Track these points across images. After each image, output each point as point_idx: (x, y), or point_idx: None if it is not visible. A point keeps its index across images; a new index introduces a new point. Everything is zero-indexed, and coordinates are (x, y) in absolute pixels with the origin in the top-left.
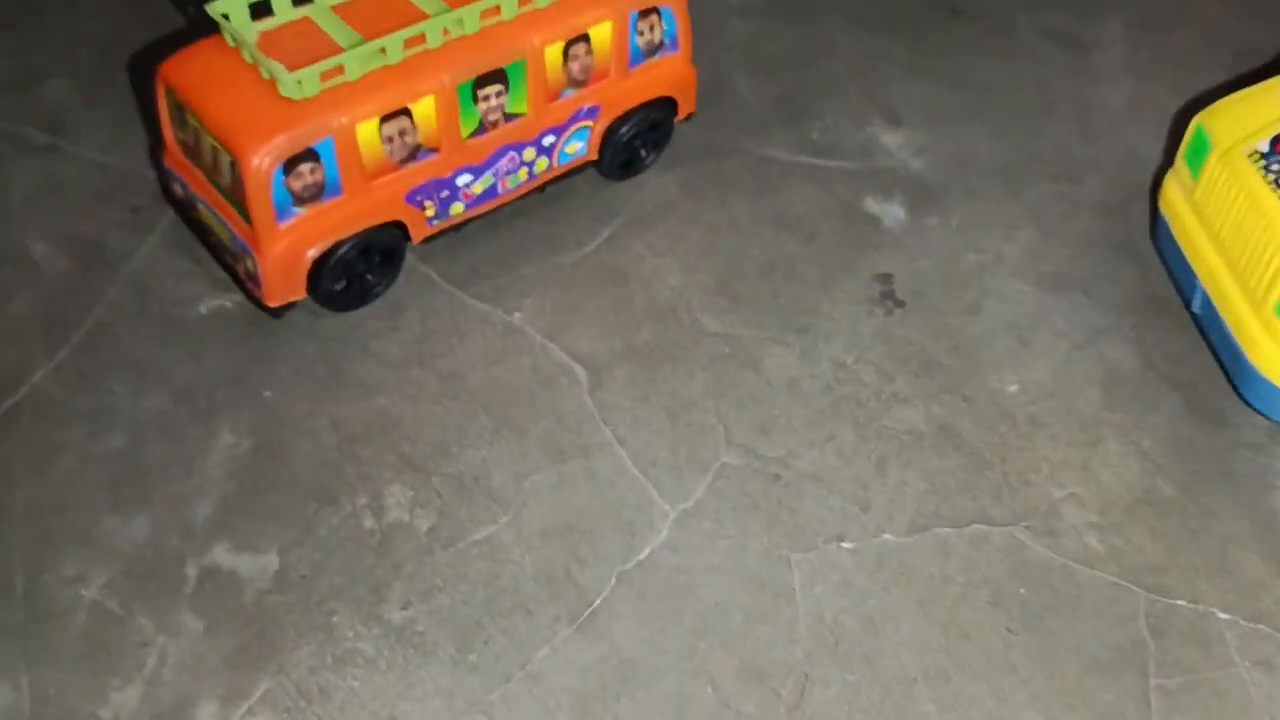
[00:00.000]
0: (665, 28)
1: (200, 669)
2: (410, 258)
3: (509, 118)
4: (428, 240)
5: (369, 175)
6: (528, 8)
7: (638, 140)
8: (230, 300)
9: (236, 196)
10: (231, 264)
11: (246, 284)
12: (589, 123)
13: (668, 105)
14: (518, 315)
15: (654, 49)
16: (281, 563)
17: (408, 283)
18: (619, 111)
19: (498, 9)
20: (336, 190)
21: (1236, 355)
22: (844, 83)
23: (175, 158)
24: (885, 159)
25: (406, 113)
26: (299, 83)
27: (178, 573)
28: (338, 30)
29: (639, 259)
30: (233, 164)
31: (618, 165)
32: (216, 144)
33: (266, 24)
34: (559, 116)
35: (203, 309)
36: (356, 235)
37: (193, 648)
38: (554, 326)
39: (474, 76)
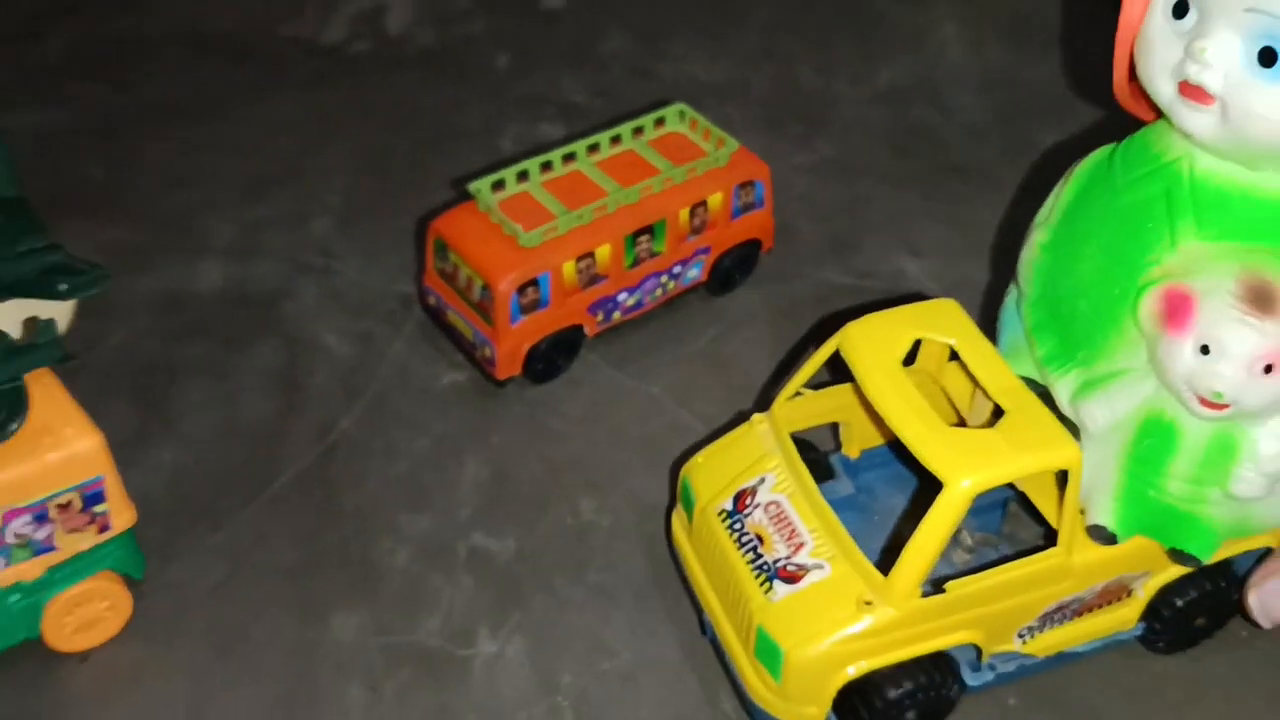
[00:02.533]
0: (756, 193)
1: (474, 609)
2: (583, 349)
3: (653, 255)
4: (596, 336)
5: (565, 294)
6: (668, 185)
7: (734, 268)
8: (463, 376)
9: (483, 307)
10: (470, 351)
11: (483, 365)
12: (703, 257)
13: (755, 244)
14: (656, 388)
15: (748, 207)
16: (518, 545)
17: (582, 364)
18: (723, 249)
19: (651, 187)
20: (546, 304)
21: (738, 685)
22: (879, 225)
23: (433, 279)
24: (909, 282)
25: (591, 255)
26: (530, 237)
27: (452, 550)
28: (548, 200)
29: (736, 350)
30: (484, 287)
31: (719, 285)
32: (473, 274)
33: (501, 195)
34: (685, 253)
35: (445, 381)
36: (554, 333)
37: (468, 596)
38: (682, 396)
39: (634, 230)
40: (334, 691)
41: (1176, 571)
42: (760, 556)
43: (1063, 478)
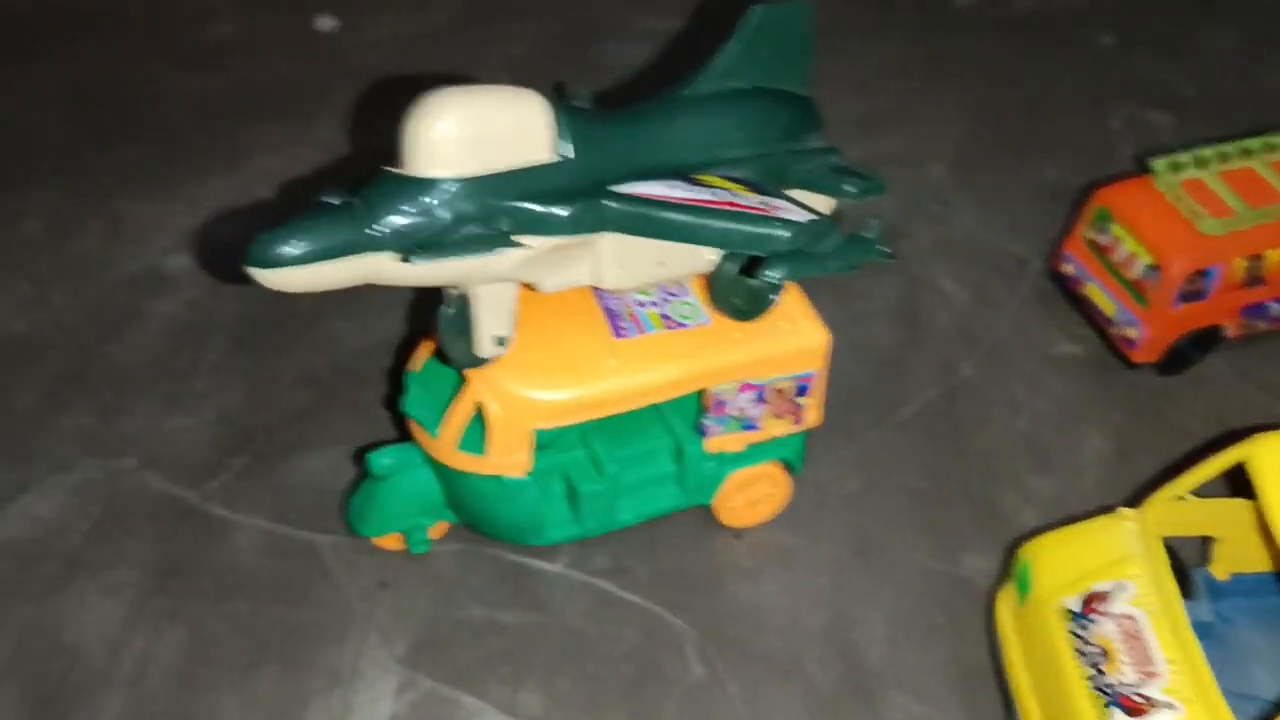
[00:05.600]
0: None
1: None
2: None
3: None
4: (1235, 340)
5: (1225, 290)
6: None
7: None
8: (1080, 349)
9: (1140, 286)
10: (1105, 326)
11: (1116, 343)
12: None
13: None
14: None
15: None
16: None
17: (1208, 365)
18: None
19: None
20: (1205, 296)
21: None
22: None
23: (1078, 247)
24: None
25: (1261, 256)
26: (1213, 225)
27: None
28: (1224, 192)
29: None
30: (1151, 266)
31: None
32: (1139, 250)
33: (1179, 177)
34: None
35: (1062, 350)
36: (1201, 328)
37: None
38: None
39: None
40: (968, 621)
41: None
42: (1102, 674)
43: None
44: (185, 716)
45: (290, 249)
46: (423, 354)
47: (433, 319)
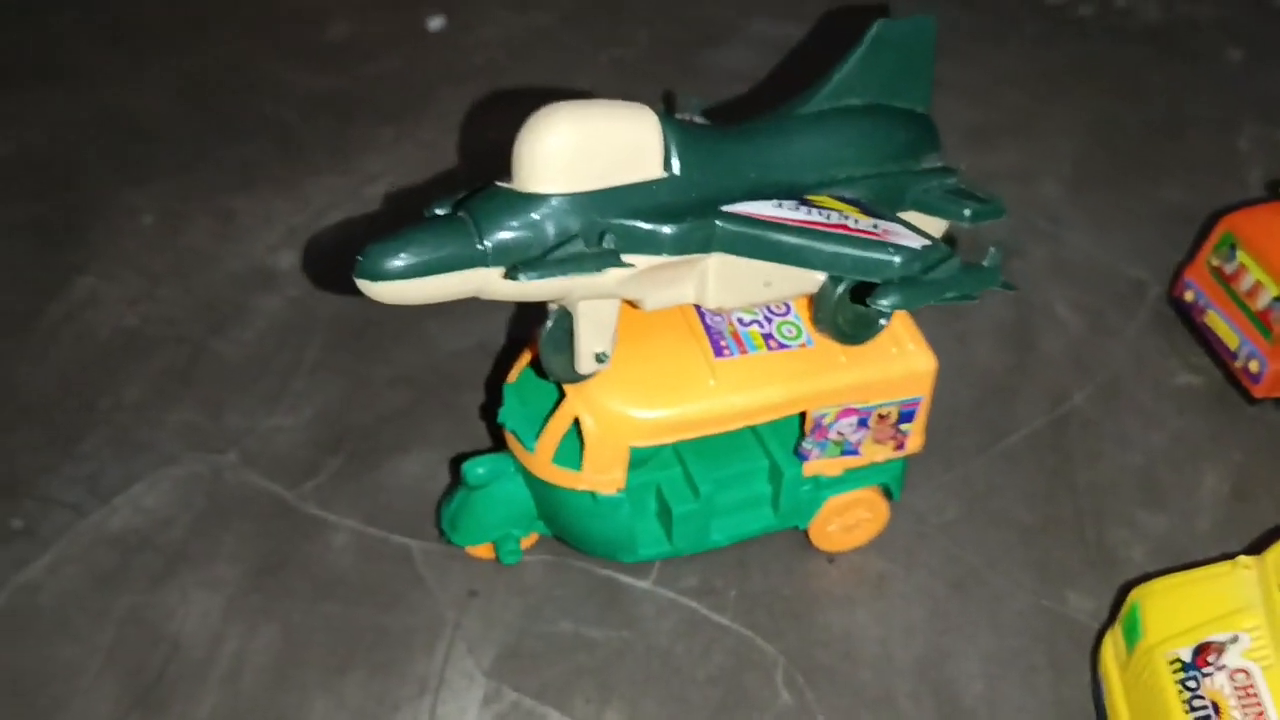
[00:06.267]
0: None
1: None
2: None
3: None
4: None
5: None
6: None
7: None
8: (1200, 380)
9: (1264, 318)
10: (1227, 358)
11: (1238, 375)
12: None
13: None
14: None
15: None
16: None
17: None
18: None
19: None
20: None
21: None
22: None
23: (1200, 274)
24: None
25: None
26: None
27: (1189, 556)
28: None
29: None
30: (1278, 297)
31: None
32: (1267, 280)
33: None
34: None
35: (1180, 381)
36: None
37: None
38: None
39: None
40: (1070, 663)
41: None
42: None
43: None
44: (277, 715)
45: (399, 262)
46: (520, 365)
47: (531, 329)
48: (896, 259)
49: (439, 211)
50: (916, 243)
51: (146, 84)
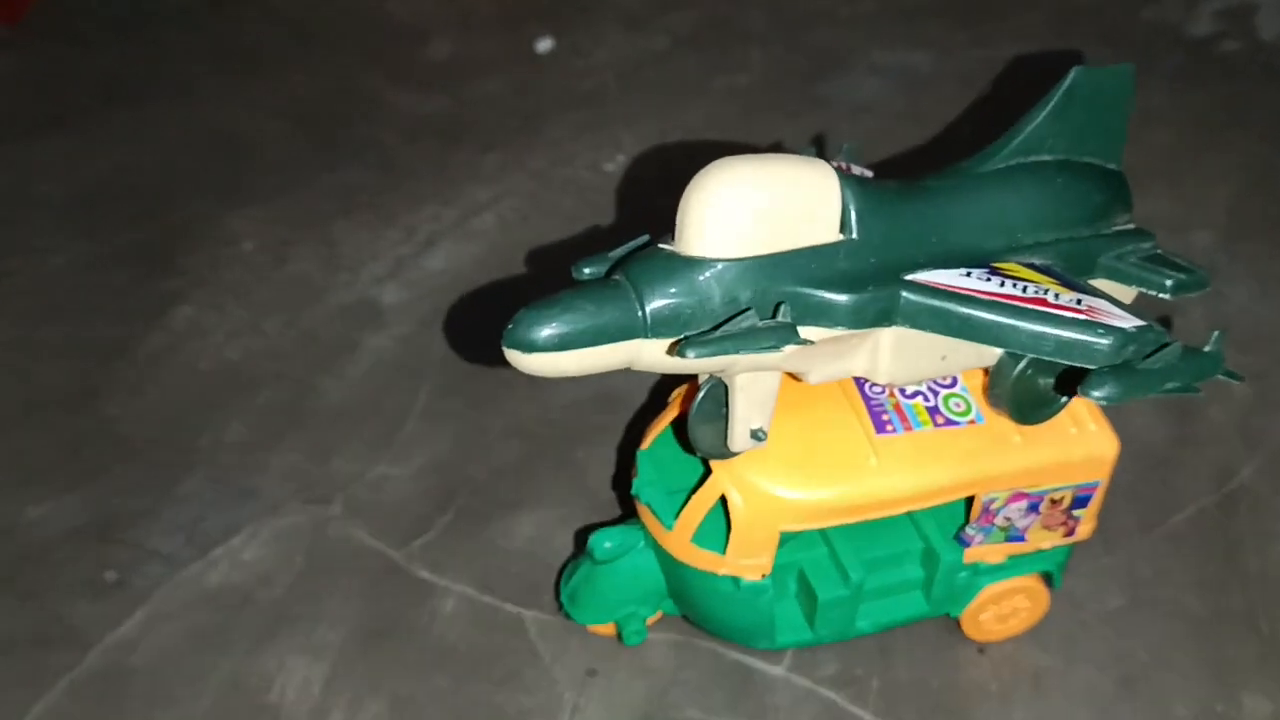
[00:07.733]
0: None
1: None
2: None
3: None
4: None
5: None
6: None
7: None
8: None
9: None
10: None
11: None
12: None
13: None
14: None
15: None
16: None
17: None
18: None
19: None
20: None
21: None
22: None
23: None
24: None
25: None
26: None
27: None
28: None
29: None
30: None
31: None
32: None
33: None
34: None
35: None
36: None
37: None
38: None
39: None
40: None
41: None
42: None
43: None
44: None
45: (554, 331)
46: (655, 431)
47: (666, 390)
48: (1106, 342)
49: (587, 271)
50: (1128, 323)
51: (249, 103)
